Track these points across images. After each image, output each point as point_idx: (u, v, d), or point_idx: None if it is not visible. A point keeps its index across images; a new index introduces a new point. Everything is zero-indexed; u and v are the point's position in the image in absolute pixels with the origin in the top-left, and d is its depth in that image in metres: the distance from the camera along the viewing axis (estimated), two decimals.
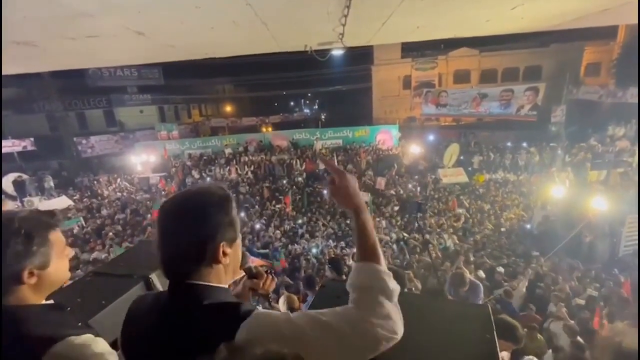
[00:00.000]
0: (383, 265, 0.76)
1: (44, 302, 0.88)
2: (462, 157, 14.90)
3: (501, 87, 20.15)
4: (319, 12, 2.52)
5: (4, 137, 17.84)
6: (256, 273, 1.09)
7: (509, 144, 17.19)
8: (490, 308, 1.32)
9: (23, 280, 0.79)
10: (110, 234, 8.76)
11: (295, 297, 3.30)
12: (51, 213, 0.89)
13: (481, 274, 5.48)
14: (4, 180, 13.06)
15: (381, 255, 0.77)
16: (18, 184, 12.49)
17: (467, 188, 12.65)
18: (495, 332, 1.13)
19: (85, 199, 13.24)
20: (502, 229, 9.50)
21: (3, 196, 12.66)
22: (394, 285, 0.74)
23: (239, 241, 0.84)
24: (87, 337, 0.82)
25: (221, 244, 0.77)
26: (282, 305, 3.16)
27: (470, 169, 14.45)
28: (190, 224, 0.74)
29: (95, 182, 15.63)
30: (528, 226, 9.31)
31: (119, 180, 15.74)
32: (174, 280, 0.78)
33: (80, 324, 0.91)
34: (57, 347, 0.75)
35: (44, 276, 0.83)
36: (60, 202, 12.39)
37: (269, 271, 1.13)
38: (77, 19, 2.25)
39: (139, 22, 2.48)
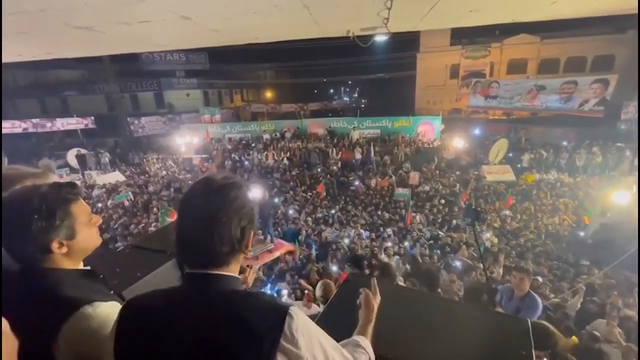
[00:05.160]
0: (367, 339, 0.95)
1: (80, 267, 0.95)
2: (510, 154, 13.86)
3: (563, 78, 18.12)
4: None
5: (70, 115, 19.81)
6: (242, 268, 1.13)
7: (564, 142, 15.62)
8: (529, 323, 1.19)
9: (53, 251, 0.84)
10: (155, 209, 9.40)
11: (332, 284, 3.21)
12: (72, 185, 0.92)
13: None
14: (68, 154, 14.58)
15: (368, 333, 0.97)
16: (80, 158, 13.87)
17: (513, 188, 11.78)
18: (533, 349, 1.03)
19: (134, 175, 14.35)
20: (550, 234, 8.77)
21: (67, 169, 14.18)
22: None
23: None
24: (114, 304, 0.87)
25: (252, 233, 0.78)
26: (318, 290, 3.15)
27: (519, 166, 13.43)
28: (233, 213, 0.73)
29: (144, 160, 16.86)
30: (582, 233, 8.49)
31: (164, 159, 16.81)
32: (201, 272, 0.74)
33: (112, 292, 0.97)
34: (85, 309, 0.81)
35: (74, 245, 0.88)
36: (114, 176, 13.61)
37: (247, 265, 1.19)
38: (130, 4, 2.35)
39: (185, 7, 2.53)
